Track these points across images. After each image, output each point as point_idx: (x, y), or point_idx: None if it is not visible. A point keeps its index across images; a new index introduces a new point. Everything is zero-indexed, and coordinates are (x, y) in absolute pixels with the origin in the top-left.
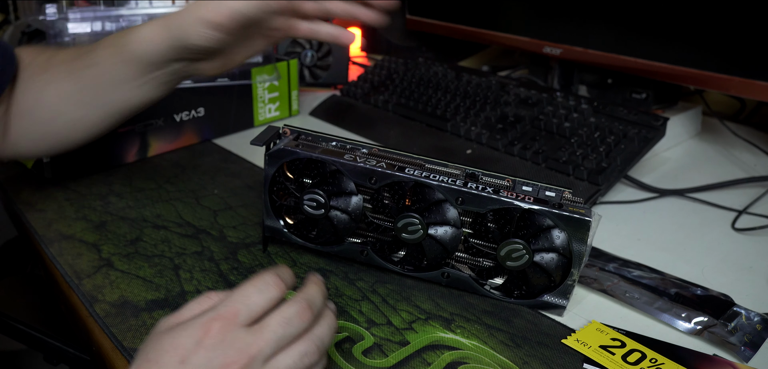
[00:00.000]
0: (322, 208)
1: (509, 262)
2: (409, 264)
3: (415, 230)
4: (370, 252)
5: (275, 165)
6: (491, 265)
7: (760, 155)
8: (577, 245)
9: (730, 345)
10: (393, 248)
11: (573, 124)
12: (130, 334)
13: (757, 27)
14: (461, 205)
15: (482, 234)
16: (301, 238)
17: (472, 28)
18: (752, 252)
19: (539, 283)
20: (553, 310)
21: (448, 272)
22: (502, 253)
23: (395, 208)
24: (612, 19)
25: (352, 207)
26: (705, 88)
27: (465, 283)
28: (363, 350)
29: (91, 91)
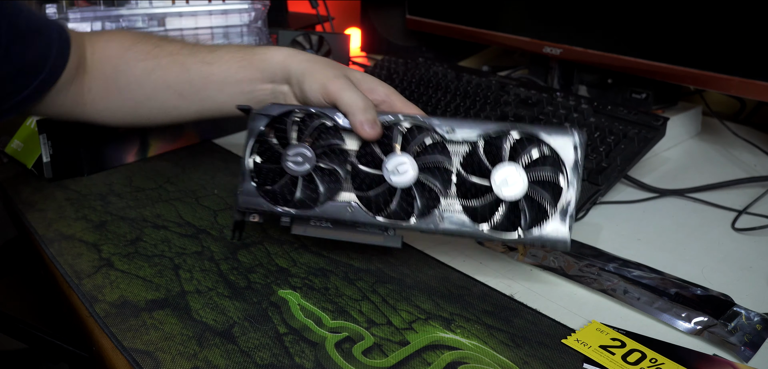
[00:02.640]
0: (307, 163)
1: (505, 190)
2: (399, 215)
3: (405, 170)
4: (355, 207)
5: (261, 120)
6: (486, 204)
7: (760, 155)
8: (569, 160)
9: (730, 345)
10: (381, 203)
11: (573, 124)
12: (130, 334)
13: (757, 27)
14: (451, 133)
15: (474, 168)
16: (280, 205)
17: (472, 28)
18: (752, 252)
19: (538, 211)
20: (558, 244)
21: (442, 215)
22: (498, 180)
23: (383, 153)
24: (612, 19)
25: (339, 158)
26: (705, 88)
27: (462, 228)
28: (363, 350)
29: (197, 85)
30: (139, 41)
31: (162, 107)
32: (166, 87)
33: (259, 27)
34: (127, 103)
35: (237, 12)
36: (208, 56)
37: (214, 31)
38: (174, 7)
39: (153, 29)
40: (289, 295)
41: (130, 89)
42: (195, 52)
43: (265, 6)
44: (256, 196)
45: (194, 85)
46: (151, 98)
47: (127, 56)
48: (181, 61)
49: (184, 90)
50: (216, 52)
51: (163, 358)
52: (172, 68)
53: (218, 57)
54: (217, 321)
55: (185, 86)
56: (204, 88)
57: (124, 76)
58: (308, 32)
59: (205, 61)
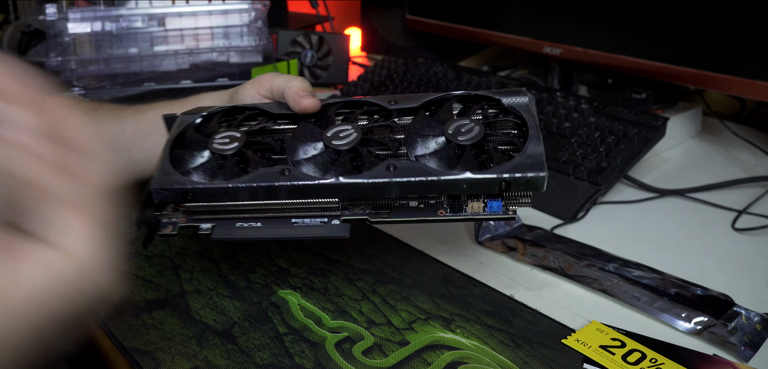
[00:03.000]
0: (236, 142)
1: (461, 138)
2: (344, 169)
3: (348, 134)
4: (293, 169)
5: (188, 120)
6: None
7: (760, 155)
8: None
9: (730, 345)
10: (325, 167)
11: (573, 124)
12: (130, 334)
13: (757, 27)
14: (395, 105)
15: (424, 130)
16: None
17: (472, 28)
18: (752, 252)
19: (501, 152)
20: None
21: (393, 164)
22: (451, 130)
23: (321, 126)
24: (612, 19)
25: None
26: (705, 88)
27: (421, 170)
28: (363, 350)
29: (128, 134)
30: (84, 102)
31: None
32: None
33: (259, 27)
34: None
35: (237, 12)
36: (145, 106)
37: (214, 31)
38: (174, 7)
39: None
40: (289, 295)
41: None
42: (136, 106)
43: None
44: (173, 176)
45: (126, 135)
46: None
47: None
48: (117, 113)
49: (115, 142)
50: (155, 103)
51: (163, 358)
52: (108, 120)
53: (153, 106)
54: (217, 321)
55: (118, 137)
56: (134, 136)
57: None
58: (308, 32)
59: (140, 110)
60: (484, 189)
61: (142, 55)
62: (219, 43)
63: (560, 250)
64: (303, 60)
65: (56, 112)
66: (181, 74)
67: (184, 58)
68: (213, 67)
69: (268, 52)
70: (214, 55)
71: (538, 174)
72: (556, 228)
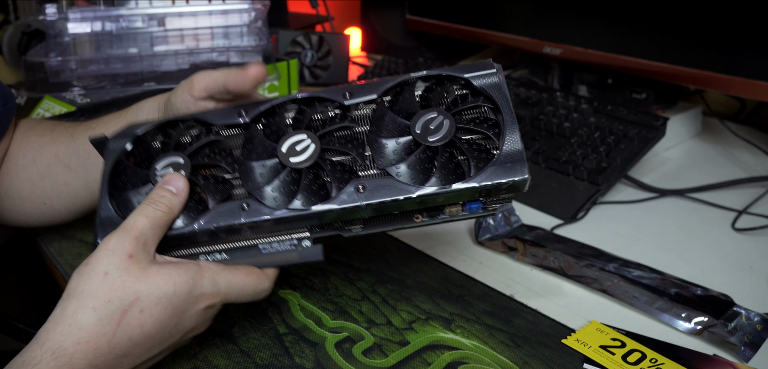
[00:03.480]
0: (182, 169)
1: (431, 138)
2: (309, 193)
3: (305, 147)
4: (252, 203)
5: (120, 144)
6: (415, 160)
7: (760, 155)
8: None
9: (730, 345)
10: (289, 192)
11: (573, 124)
12: None
13: (758, 27)
14: (350, 98)
15: (388, 130)
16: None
17: (472, 28)
18: (752, 252)
19: (478, 152)
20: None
21: (362, 184)
22: (418, 129)
23: (274, 136)
24: (612, 19)
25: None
26: (705, 88)
27: (393, 189)
28: (363, 350)
29: (82, 153)
30: (43, 123)
31: (54, 185)
32: (57, 161)
33: (259, 27)
34: (24, 185)
35: (237, 12)
36: (94, 123)
37: (214, 31)
38: (174, 7)
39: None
40: (289, 295)
41: (27, 168)
42: (87, 123)
43: (265, 6)
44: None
45: (80, 154)
46: (44, 177)
47: (30, 134)
48: (70, 132)
49: (71, 161)
50: (104, 118)
51: (163, 358)
52: (63, 139)
53: (102, 121)
54: (217, 321)
55: (73, 158)
56: (87, 155)
57: (24, 154)
58: (308, 32)
59: (89, 127)
60: (463, 198)
61: (142, 55)
62: (219, 43)
63: (560, 250)
64: (303, 60)
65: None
66: (181, 74)
67: (184, 58)
68: (213, 67)
69: (268, 52)
70: (214, 55)
71: (521, 177)
72: (556, 228)
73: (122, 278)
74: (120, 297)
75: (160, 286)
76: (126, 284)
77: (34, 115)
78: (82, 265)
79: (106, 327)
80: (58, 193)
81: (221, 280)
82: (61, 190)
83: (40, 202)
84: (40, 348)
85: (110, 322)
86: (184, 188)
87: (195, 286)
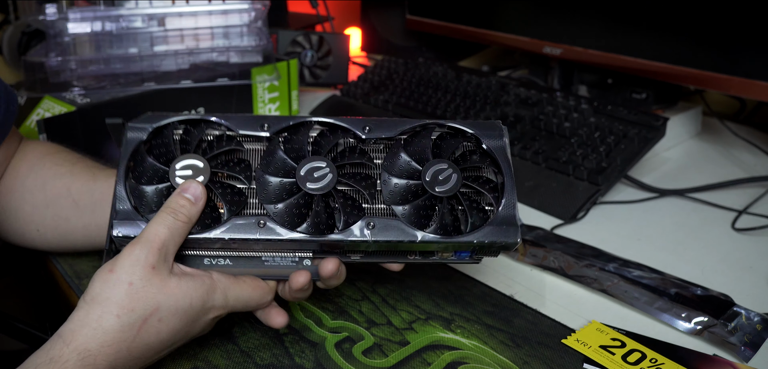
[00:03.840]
0: (202, 175)
1: (438, 188)
2: (319, 221)
3: (323, 175)
4: (268, 222)
5: (138, 134)
6: (419, 206)
7: (760, 155)
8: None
9: (730, 345)
10: (295, 220)
11: (573, 124)
12: None
13: (758, 27)
14: (369, 132)
15: (400, 170)
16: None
17: (472, 28)
18: (752, 252)
19: (477, 209)
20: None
21: (372, 222)
22: (428, 177)
23: (294, 158)
24: (612, 19)
25: (239, 169)
26: (705, 88)
27: (398, 231)
28: (363, 350)
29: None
30: (62, 153)
31: (54, 217)
32: (67, 194)
33: (259, 27)
34: (24, 206)
35: (237, 12)
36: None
37: (214, 31)
38: (174, 7)
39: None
40: None
41: (34, 191)
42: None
43: (265, 6)
44: (136, 222)
45: (94, 196)
46: (48, 205)
47: (46, 159)
48: (93, 172)
49: (82, 199)
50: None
51: (163, 358)
52: (82, 176)
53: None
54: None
55: (85, 196)
56: (101, 200)
57: (34, 176)
58: (308, 32)
59: (112, 173)
60: (458, 249)
61: (142, 55)
62: (219, 43)
63: (560, 250)
64: (303, 60)
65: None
66: (181, 74)
67: (184, 58)
68: (213, 67)
69: (268, 52)
70: (214, 55)
71: (509, 240)
72: (556, 228)
73: (145, 290)
74: (142, 307)
75: (179, 298)
76: (148, 295)
77: (34, 116)
78: (106, 272)
79: (127, 333)
80: (56, 225)
81: (231, 294)
82: (59, 223)
83: (34, 228)
84: (67, 347)
85: (131, 329)
86: (202, 197)
87: (208, 300)
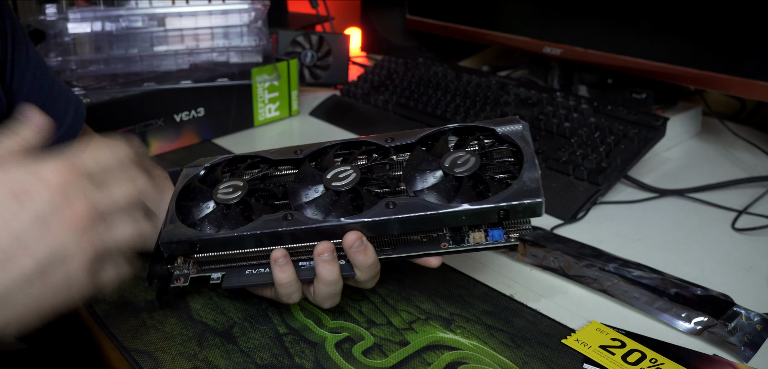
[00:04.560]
0: (239, 191)
1: (457, 170)
2: (345, 210)
3: (348, 175)
4: (295, 214)
5: (192, 172)
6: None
7: (760, 155)
8: (514, 130)
9: (730, 345)
10: (325, 209)
11: (573, 124)
12: (130, 334)
13: (758, 27)
14: (392, 142)
15: (421, 166)
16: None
17: (472, 28)
18: (752, 252)
19: (498, 182)
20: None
21: (393, 201)
22: (447, 163)
23: (321, 169)
24: (612, 19)
25: (273, 183)
26: (705, 88)
27: (420, 205)
28: (363, 350)
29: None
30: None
31: None
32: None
33: (259, 27)
34: None
35: (237, 12)
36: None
37: (214, 31)
38: (174, 7)
39: (153, 29)
40: None
41: None
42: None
43: (265, 6)
44: (180, 228)
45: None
46: None
47: None
48: (165, 184)
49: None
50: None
51: (163, 358)
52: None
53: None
54: (217, 321)
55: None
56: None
57: None
58: (308, 32)
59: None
60: (483, 219)
61: (142, 55)
62: (219, 43)
63: (560, 250)
64: (303, 60)
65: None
66: (181, 74)
67: (184, 58)
68: (213, 67)
69: (268, 52)
70: (214, 55)
71: (534, 200)
72: (556, 228)
73: None
74: None
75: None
76: None
77: None
78: None
79: None
80: None
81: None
82: None
83: None
84: None
85: None
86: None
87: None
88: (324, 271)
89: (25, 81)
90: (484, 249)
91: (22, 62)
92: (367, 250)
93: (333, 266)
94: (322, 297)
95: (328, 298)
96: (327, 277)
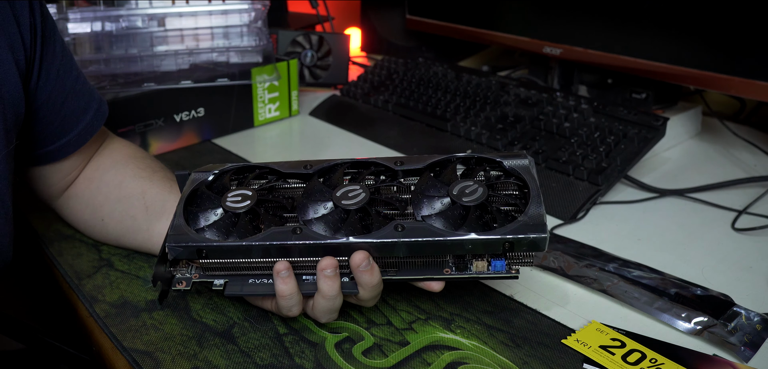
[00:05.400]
0: (248, 201)
1: (465, 199)
2: (353, 228)
3: (357, 194)
4: (304, 228)
5: (200, 177)
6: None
7: (760, 155)
8: (520, 164)
9: (730, 345)
10: (334, 226)
11: (573, 124)
12: (130, 334)
13: (757, 27)
14: (401, 166)
15: (429, 191)
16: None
17: (472, 28)
18: (752, 252)
19: (504, 215)
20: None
21: (402, 224)
22: (455, 191)
23: (330, 186)
24: (612, 19)
25: (282, 195)
26: (705, 88)
27: (428, 231)
28: (363, 350)
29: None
30: (147, 159)
31: (123, 214)
32: (140, 196)
33: (259, 27)
34: (97, 197)
35: (237, 12)
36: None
37: (214, 31)
38: (174, 7)
39: (153, 29)
40: None
41: (110, 185)
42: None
43: (265, 6)
44: (187, 233)
45: (166, 205)
46: (121, 201)
47: (129, 162)
48: (171, 186)
49: (154, 205)
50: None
51: (163, 358)
52: (160, 185)
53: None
54: (217, 321)
55: (158, 203)
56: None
57: (115, 172)
58: (308, 32)
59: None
60: (488, 249)
61: (142, 55)
62: (219, 43)
63: (560, 250)
64: (303, 60)
65: None
66: (181, 74)
67: (184, 58)
68: (213, 67)
69: (268, 52)
70: (214, 55)
71: (539, 235)
72: (556, 228)
73: None
74: None
75: None
76: None
77: None
78: None
79: None
80: (122, 220)
81: None
82: (125, 219)
83: (100, 218)
84: None
85: None
86: None
87: None
88: (325, 286)
89: (49, 78)
90: (485, 278)
91: (49, 60)
92: (373, 270)
93: (334, 282)
94: (320, 311)
95: (326, 313)
96: (328, 292)
